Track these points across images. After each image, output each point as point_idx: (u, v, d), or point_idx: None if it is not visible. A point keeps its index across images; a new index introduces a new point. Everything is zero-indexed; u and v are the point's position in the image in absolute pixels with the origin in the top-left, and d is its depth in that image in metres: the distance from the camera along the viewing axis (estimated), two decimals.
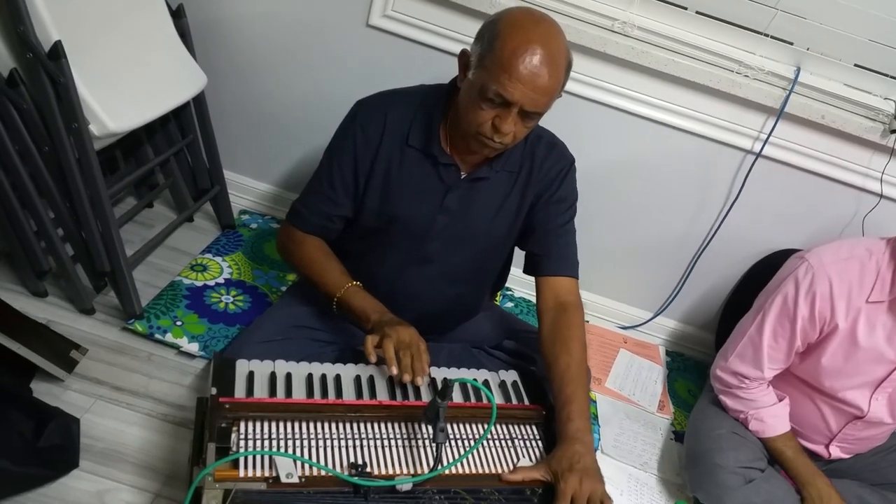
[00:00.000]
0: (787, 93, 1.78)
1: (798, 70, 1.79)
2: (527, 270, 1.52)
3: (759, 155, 1.89)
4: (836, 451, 1.66)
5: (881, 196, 1.88)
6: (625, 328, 2.25)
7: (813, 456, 1.67)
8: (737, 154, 1.92)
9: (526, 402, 1.40)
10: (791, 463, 1.59)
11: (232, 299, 1.84)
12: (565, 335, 1.39)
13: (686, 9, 1.79)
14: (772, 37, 1.79)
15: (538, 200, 1.46)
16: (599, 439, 1.78)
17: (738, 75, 1.80)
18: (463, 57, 1.30)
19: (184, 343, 1.66)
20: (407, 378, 1.26)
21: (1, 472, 1.22)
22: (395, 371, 1.26)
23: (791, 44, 1.80)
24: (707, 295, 2.18)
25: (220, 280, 1.89)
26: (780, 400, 1.63)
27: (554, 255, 1.47)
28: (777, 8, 1.73)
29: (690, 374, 2.16)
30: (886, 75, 1.81)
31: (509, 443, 1.29)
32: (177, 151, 1.96)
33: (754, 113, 1.85)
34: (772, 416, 1.60)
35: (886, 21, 1.72)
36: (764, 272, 1.86)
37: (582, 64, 1.82)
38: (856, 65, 1.81)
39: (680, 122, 1.89)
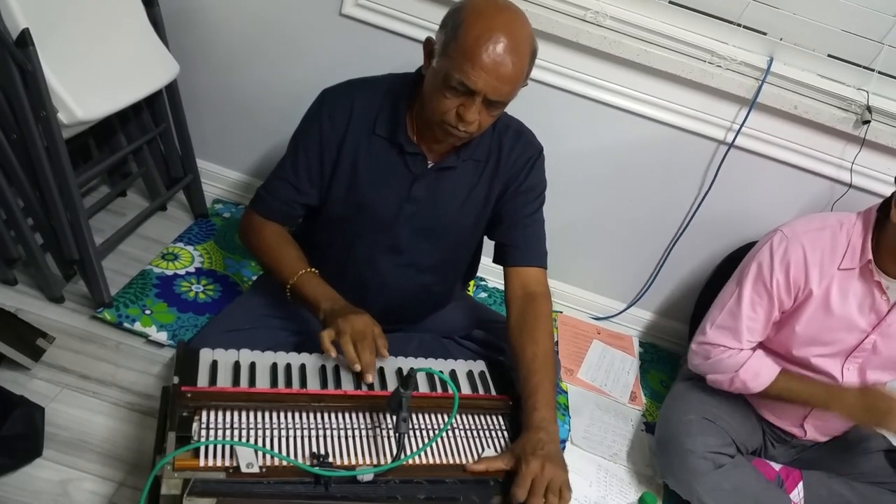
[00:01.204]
0: (760, 83, 1.79)
1: (771, 60, 1.80)
2: (496, 260, 1.52)
3: (731, 145, 1.89)
4: (811, 430, 1.68)
5: (850, 185, 1.90)
6: (598, 319, 2.26)
7: (788, 436, 1.70)
8: (709, 144, 1.93)
9: (493, 392, 1.40)
10: (805, 394, 1.56)
11: (202, 288, 1.83)
12: (533, 325, 1.39)
13: None
14: (745, 27, 1.79)
15: (506, 190, 1.46)
16: (570, 430, 1.79)
17: (710, 65, 1.80)
18: (428, 45, 1.29)
19: (152, 332, 1.66)
20: (370, 379, 1.25)
21: None
22: (358, 368, 1.25)
23: (764, 34, 1.81)
24: (681, 286, 2.19)
25: (191, 269, 1.89)
26: None
27: (522, 245, 1.47)
28: None
29: (664, 365, 2.17)
30: (859, 66, 1.82)
31: (475, 433, 1.28)
32: (150, 140, 1.96)
33: (727, 103, 1.85)
34: (761, 365, 1.58)
35: (860, 11, 1.73)
36: (737, 263, 1.87)
37: (554, 54, 1.82)
38: (829, 55, 1.82)
39: (653, 112, 1.90)
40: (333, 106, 1.39)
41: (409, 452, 1.17)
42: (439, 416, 1.28)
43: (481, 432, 1.29)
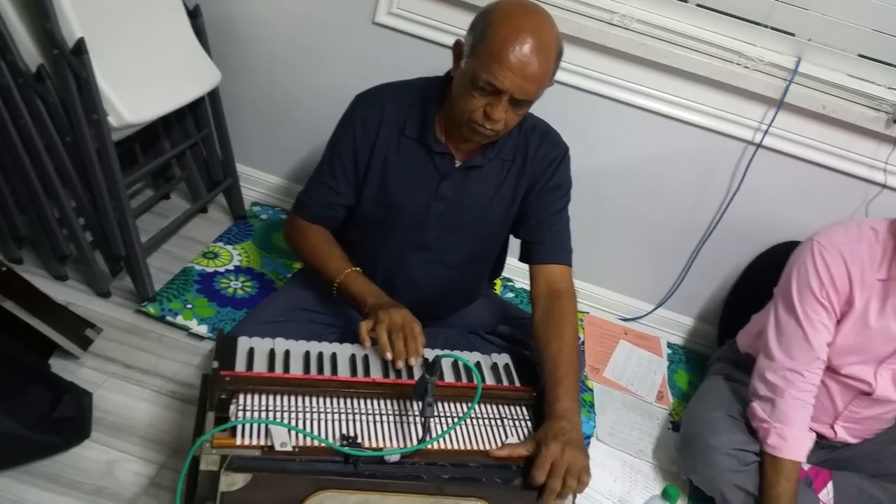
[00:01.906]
0: (787, 83, 1.80)
1: (798, 60, 1.80)
2: (522, 258, 1.55)
3: (759, 145, 1.90)
4: (841, 432, 1.66)
5: (884, 186, 1.89)
6: (626, 320, 2.27)
7: (818, 436, 1.67)
8: (738, 145, 1.93)
9: (517, 383, 1.43)
10: (775, 500, 1.51)
11: (241, 285, 1.91)
12: (558, 321, 1.41)
13: (686, 1, 1.81)
14: (772, 28, 1.80)
15: (532, 189, 1.49)
16: (595, 427, 1.81)
17: (737, 66, 1.81)
18: (457, 48, 1.35)
19: (193, 325, 1.73)
20: (400, 364, 1.30)
21: (19, 439, 1.31)
22: (389, 356, 1.29)
23: (793, 35, 1.81)
24: (710, 287, 2.18)
25: (230, 267, 1.97)
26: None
27: (547, 242, 1.50)
28: None
29: (692, 366, 2.17)
30: (890, 65, 1.81)
31: (499, 422, 1.31)
32: (192, 145, 2.05)
33: (755, 103, 1.86)
34: (794, 438, 1.52)
35: (890, 10, 1.73)
36: (767, 265, 1.87)
37: (582, 57, 1.86)
38: (859, 55, 1.81)
39: (680, 113, 1.91)
40: (365, 110, 1.45)
41: (434, 436, 1.21)
42: (464, 405, 1.31)
43: (505, 421, 1.32)
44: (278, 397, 1.22)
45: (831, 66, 1.83)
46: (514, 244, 1.60)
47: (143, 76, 1.69)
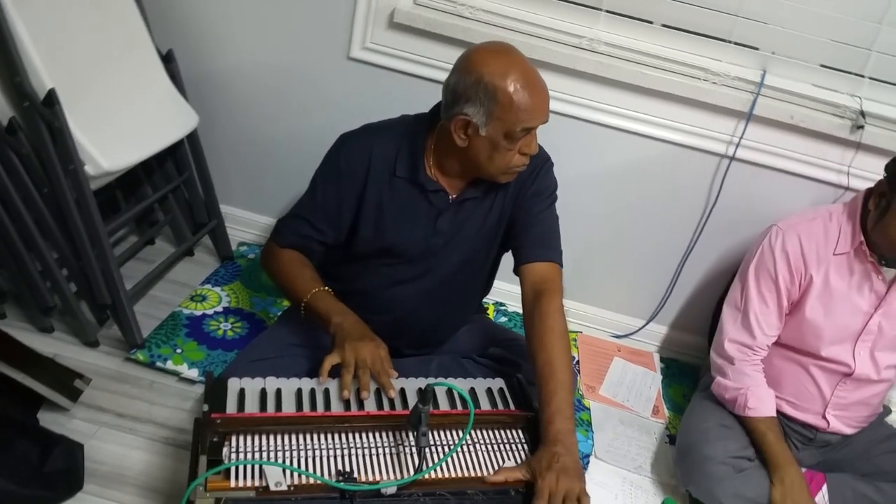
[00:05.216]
0: (755, 96, 1.84)
1: (764, 73, 1.85)
2: (514, 269, 1.53)
3: (733, 158, 1.94)
4: (833, 421, 1.69)
5: (847, 188, 1.93)
6: (619, 337, 2.28)
7: (811, 430, 1.71)
8: (712, 159, 1.97)
9: (512, 407, 1.43)
10: (772, 447, 1.60)
11: (230, 326, 1.91)
12: (540, 329, 1.40)
13: (652, 23, 1.86)
14: (736, 43, 1.85)
15: (516, 200, 1.51)
16: (593, 445, 1.81)
17: (705, 83, 1.86)
18: (462, 125, 1.35)
19: (184, 370, 1.72)
20: (365, 395, 1.30)
21: (8, 496, 1.29)
22: (346, 395, 1.30)
23: (756, 49, 1.86)
24: (697, 300, 2.20)
25: (219, 308, 1.97)
26: None
27: (529, 242, 1.50)
28: (737, 15, 1.80)
29: (685, 379, 2.18)
30: (851, 73, 1.86)
31: (495, 447, 1.31)
32: (174, 188, 2.05)
33: (725, 118, 1.90)
34: (768, 395, 1.65)
35: (847, 21, 1.79)
36: None
37: (554, 81, 1.87)
38: (821, 65, 1.87)
39: (654, 131, 1.95)
40: (350, 151, 1.46)
41: (429, 465, 1.21)
42: (460, 432, 1.31)
43: (502, 446, 1.32)
44: (271, 437, 1.22)
45: (796, 77, 1.88)
46: (506, 270, 1.59)
47: (118, 123, 1.70)
